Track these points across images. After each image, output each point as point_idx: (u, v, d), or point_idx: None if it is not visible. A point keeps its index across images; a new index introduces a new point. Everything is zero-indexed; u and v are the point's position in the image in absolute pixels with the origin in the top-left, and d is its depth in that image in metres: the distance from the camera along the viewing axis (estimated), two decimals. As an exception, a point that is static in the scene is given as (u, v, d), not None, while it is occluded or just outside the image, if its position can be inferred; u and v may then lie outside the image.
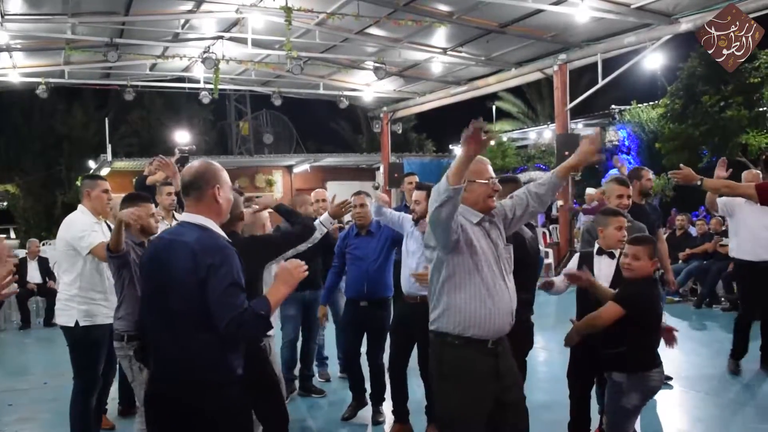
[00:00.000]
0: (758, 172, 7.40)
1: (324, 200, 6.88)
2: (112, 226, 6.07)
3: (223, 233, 3.14)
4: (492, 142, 3.39)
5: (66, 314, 5.16)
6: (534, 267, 4.82)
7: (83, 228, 5.13)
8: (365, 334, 6.09)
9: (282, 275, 3.14)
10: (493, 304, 3.57)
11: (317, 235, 5.06)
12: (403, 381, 5.70)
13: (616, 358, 4.25)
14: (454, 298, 3.60)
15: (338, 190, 8.76)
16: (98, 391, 5.35)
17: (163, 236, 3.25)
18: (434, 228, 3.50)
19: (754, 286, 7.22)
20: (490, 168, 3.75)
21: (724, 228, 11.81)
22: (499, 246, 3.69)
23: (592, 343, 4.36)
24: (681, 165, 5.94)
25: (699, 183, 5.85)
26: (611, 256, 4.83)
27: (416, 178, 8.16)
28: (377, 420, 6.05)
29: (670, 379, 6.50)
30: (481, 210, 3.68)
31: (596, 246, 4.92)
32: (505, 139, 23.06)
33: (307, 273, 3.17)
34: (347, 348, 6.32)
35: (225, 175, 3.20)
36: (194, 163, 3.20)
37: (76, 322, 5.10)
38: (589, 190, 17.17)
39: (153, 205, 5.10)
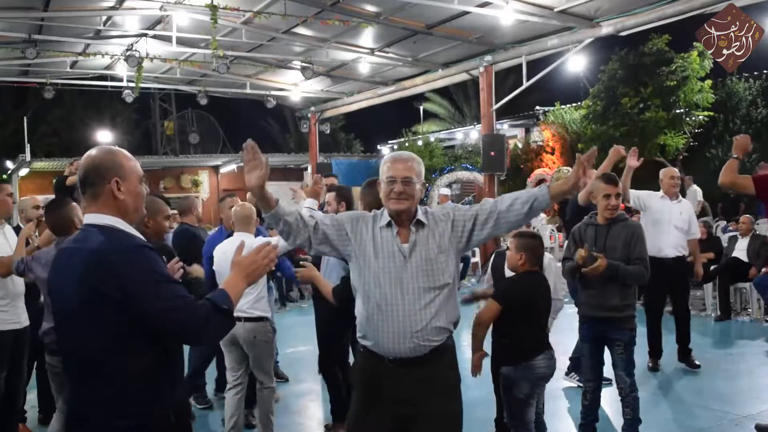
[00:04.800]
0: (674, 169, 7.61)
1: None
2: (21, 226, 5.95)
3: (136, 232, 2.62)
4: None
5: None
6: None
7: None
8: None
9: (244, 266, 2.68)
10: (384, 322, 3.19)
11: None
12: (333, 381, 5.70)
13: (502, 351, 4.44)
14: (356, 305, 3.37)
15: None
16: (7, 399, 5.17)
17: (65, 246, 2.68)
18: None
19: (657, 282, 7.41)
20: (397, 166, 3.26)
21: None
22: (415, 255, 3.21)
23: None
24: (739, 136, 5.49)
25: (735, 156, 5.31)
26: None
27: (334, 180, 8.15)
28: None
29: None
30: (389, 212, 3.28)
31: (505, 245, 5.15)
32: (432, 139, 23.26)
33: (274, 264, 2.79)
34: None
35: (130, 165, 2.63)
36: (90, 152, 2.65)
37: None
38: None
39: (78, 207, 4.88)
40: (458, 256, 3.34)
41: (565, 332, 6.66)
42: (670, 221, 7.39)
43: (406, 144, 22.76)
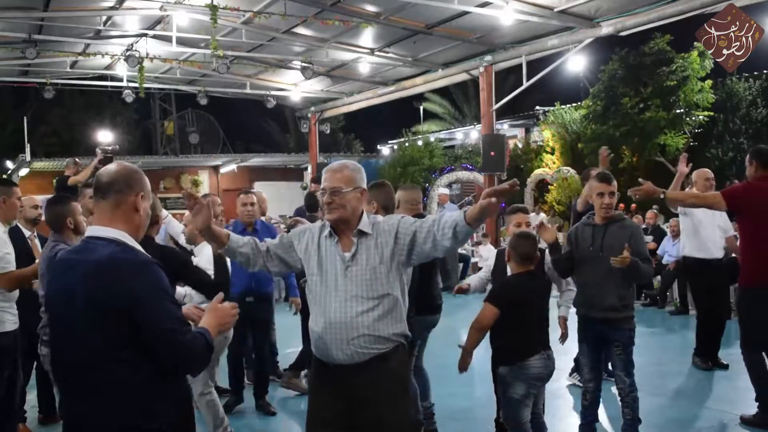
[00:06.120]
0: (707, 170, 7.46)
1: (253, 204, 6.54)
2: (24, 230, 5.92)
3: (141, 248, 2.63)
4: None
5: None
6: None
7: None
8: (250, 328, 6.32)
9: (219, 316, 2.77)
10: (323, 328, 3.23)
11: None
12: None
13: (499, 352, 4.46)
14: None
15: (266, 191, 8.72)
16: (6, 398, 5.18)
17: (66, 256, 2.67)
18: None
19: (704, 283, 7.55)
20: (328, 176, 3.28)
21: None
22: (356, 263, 3.23)
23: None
24: (640, 180, 5.62)
25: (662, 196, 5.59)
26: None
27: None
28: (269, 410, 6.22)
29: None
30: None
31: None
32: (432, 139, 23.26)
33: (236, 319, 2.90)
34: (233, 345, 6.19)
35: (149, 188, 2.74)
36: (117, 164, 2.73)
37: None
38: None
39: (78, 206, 4.98)
40: (401, 270, 3.29)
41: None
42: (713, 222, 7.48)
43: (406, 144, 22.75)
